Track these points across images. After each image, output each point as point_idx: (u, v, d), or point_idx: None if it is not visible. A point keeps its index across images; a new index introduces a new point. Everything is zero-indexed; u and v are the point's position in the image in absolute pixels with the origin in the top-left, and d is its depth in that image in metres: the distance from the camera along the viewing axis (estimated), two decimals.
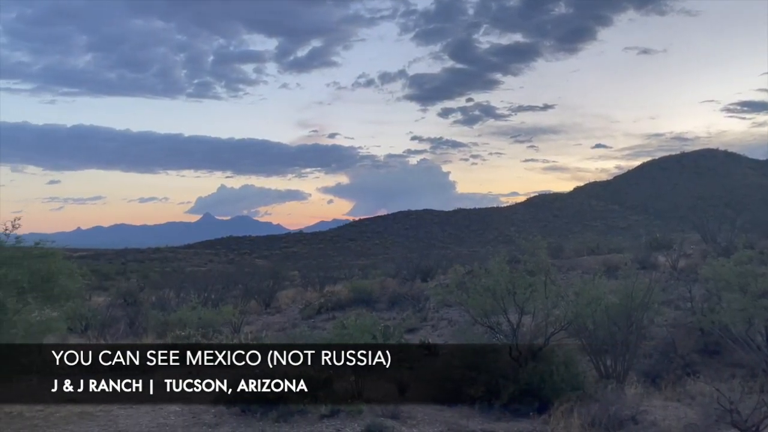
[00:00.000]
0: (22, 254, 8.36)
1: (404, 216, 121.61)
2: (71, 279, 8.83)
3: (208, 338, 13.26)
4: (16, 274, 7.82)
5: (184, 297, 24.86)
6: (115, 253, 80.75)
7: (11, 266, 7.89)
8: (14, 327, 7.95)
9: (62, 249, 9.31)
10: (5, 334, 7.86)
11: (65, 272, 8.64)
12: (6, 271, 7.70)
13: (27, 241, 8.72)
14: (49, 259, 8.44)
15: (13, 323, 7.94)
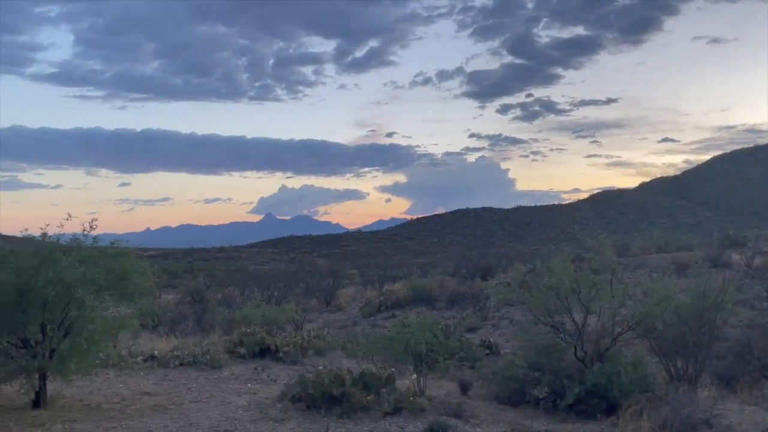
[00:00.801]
0: (99, 254, 8.76)
1: (462, 214, 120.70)
2: (144, 277, 9.18)
3: (272, 335, 13.57)
4: (94, 273, 8.20)
5: (248, 295, 25.50)
6: (183, 253, 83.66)
7: (89, 265, 8.29)
8: (93, 323, 8.35)
9: (134, 248, 9.70)
10: (84, 329, 8.27)
11: (138, 271, 9.00)
12: (85, 270, 8.10)
13: (101, 241, 9.15)
14: (123, 258, 8.82)
15: (92, 319, 8.34)
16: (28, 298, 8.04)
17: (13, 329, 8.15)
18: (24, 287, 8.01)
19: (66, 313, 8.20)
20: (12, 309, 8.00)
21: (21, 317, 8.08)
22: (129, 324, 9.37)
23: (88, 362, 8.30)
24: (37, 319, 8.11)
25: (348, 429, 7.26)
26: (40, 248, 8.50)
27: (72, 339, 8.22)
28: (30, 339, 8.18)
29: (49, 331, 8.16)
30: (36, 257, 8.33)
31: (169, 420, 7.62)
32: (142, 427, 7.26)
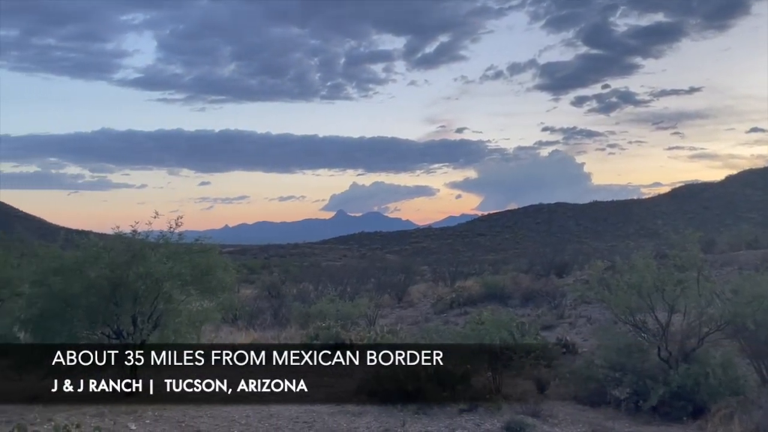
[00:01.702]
0: (185, 250, 9.20)
1: (536, 210, 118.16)
2: (226, 272, 9.55)
3: (346, 330, 13.79)
4: (181, 268, 8.64)
5: (322, 290, 25.99)
6: (259, 249, 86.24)
7: (176, 261, 8.73)
8: (179, 315, 8.78)
9: (217, 245, 10.10)
10: (172, 321, 8.70)
11: (221, 266, 9.38)
12: (172, 265, 8.54)
13: (186, 238, 9.59)
14: (207, 254, 9.22)
15: (178, 312, 8.78)
16: (120, 291, 8.54)
17: (108, 321, 8.67)
18: (117, 281, 8.51)
19: (155, 306, 8.65)
20: (106, 302, 8.52)
21: (114, 310, 8.59)
22: (212, 317, 9.77)
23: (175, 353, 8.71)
24: (129, 311, 8.59)
25: (424, 424, 7.30)
26: (130, 245, 9.00)
27: (161, 331, 8.67)
28: (123, 330, 8.67)
29: (140, 323, 8.64)
30: (127, 253, 8.83)
31: (250, 410, 7.89)
32: (225, 417, 7.56)
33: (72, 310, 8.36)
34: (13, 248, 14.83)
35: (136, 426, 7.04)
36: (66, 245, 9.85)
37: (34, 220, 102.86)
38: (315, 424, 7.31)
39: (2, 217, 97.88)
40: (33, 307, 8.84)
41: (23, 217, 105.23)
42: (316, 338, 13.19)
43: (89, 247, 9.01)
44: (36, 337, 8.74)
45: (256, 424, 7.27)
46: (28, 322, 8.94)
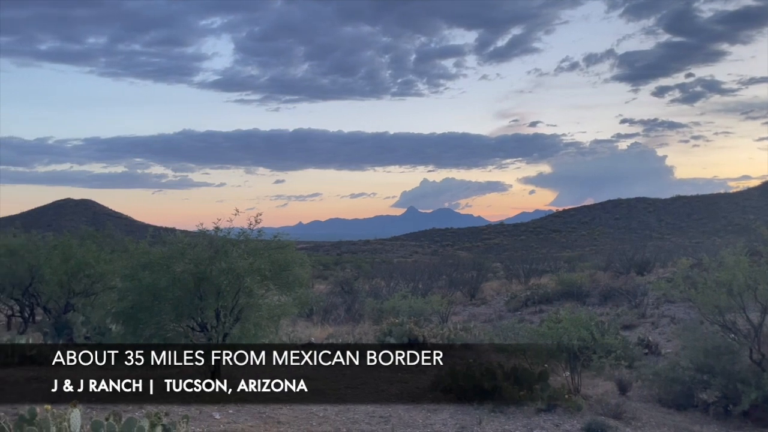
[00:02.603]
0: (264, 246, 9.49)
1: (613, 205, 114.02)
2: (302, 268, 9.78)
3: (419, 326, 13.83)
4: (260, 264, 8.92)
5: (394, 286, 26.13)
6: (332, 245, 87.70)
7: (256, 256, 9.02)
8: (260, 309, 9.07)
9: (294, 241, 10.34)
10: (253, 315, 8.99)
11: (298, 262, 9.61)
12: (252, 261, 8.83)
13: (264, 234, 9.88)
14: (285, 250, 9.47)
15: (258, 306, 9.06)
16: (204, 286, 8.89)
17: (193, 314, 9.04)
18: (201, 276, 8.86)
19: (236, 300, 8.95)
20: (191, 296, 8.89)
21: (198, 303, 8.95)
22: (289, 311, 10.01)
23: None
24: (212, 305, 8.93)
25: (501, 423, 7.22)
26: (213, 241, 9.37)
27: (242, 324, 8.97)
28: (206, 323, 9.03)
29: (223, 316, 8.96)
30: (210, 249, 9.19)
31: (327, 404, 8.05)
32: (304, 409, 7.75)
33: (160, 304, 8.77)
34: (105, 245, 15.76)
35: (220, 416, 7.32)
36: (154, 241, 10.37)
37: (123, 218, 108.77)
38: (391, 419, 7.37)
39: (93, 216, 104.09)
40: (124, 300, 9.35)
41: (112, 215, 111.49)
42: (390, 334, 13.29)
43: (175, 244, 9.45)
44: (127, 329, 9.23)
45: (333, 417, 7.41)
46: (120, 314, 9.46)
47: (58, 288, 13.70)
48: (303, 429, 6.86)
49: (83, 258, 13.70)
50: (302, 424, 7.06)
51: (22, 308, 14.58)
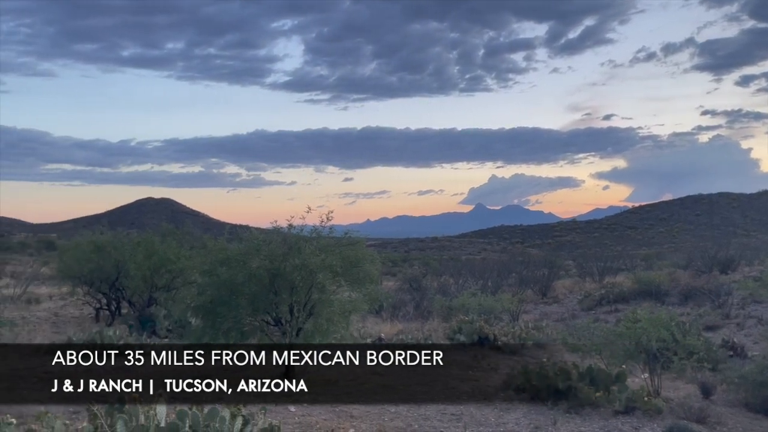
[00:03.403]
0: (335, 243, 9.67)
1: (694, 201, 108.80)
2: (372, 265, 9.88)
3: (490, 324, 13.68)
4: (332, 260, 9.08)
5: (463, 284, 25.96)
6: (399, 242, 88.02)
7: (328, 253, 9.20)
8: (331, 305, 9.23)
9: (365, 238, 10.46)
10: (325, 310, 9.17)
11: (368, 259, 9.73)
12: (324, 257, 9.01)
13: (335, 231, 10.05)
14: (356, 247, 9.61)
15: (330, 302, 9.23)
16: (278, 281, 9.13)
17: (268, 309, 9.31)
18: (275, 272, 9.11)
19: (309, 295, 9.15)
20: (266, 291, 9.15)
21: (273, 298, 9.21)
22: (359, 308, 10.13)
23: (328, 341, 9.17)
24: (286, 300, 9.17)
25: (576, 425, 7.05)
26: (287, 238, 9.61)
27: (315, 319, 9.16)
28: (281, 318, 9.28)
29: (296, 311, 9.18)
30: (284, 246, 9.43)
31: (398, 399, 8.10)
32: (375, 404, 7.83)
33: (237, 298, 9.07)
34: (184, 242, 16.46)
35: (295, 408, 7.50)
36: (231, 239, 10.74)
37: (199, 216, 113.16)
38: (463, 416, 7.34)
39: (172, 214, 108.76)
40: (203, 294, 9.74)
41: (190, 213, 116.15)
42: (459, 332, 13.23)
43: (250, 241, 9.76)
44: (206, 322, 9.60)
45: (404, 413, 7.45)
46: (199, 308, 9.85)
47: (141, 283, 14.43)
48: (375, 424, 6.93)
49: (165, 254, 14.37)
50: (374, 419, 7.14)
51: (109, 302, 15.42)
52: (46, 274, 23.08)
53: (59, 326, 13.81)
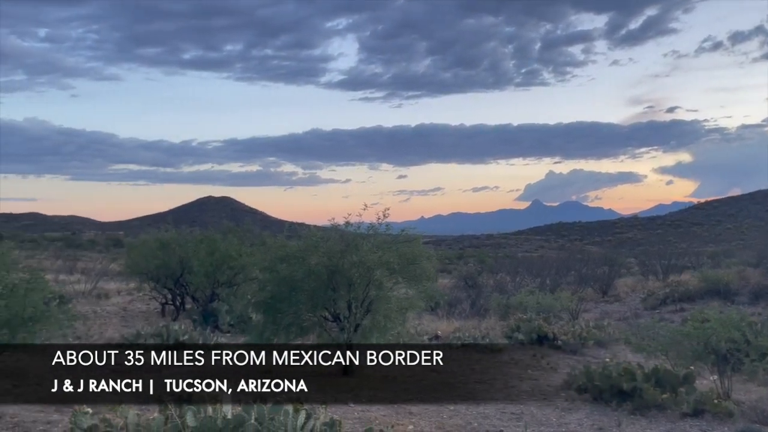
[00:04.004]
0: (392, 240, 9.72)
1: (764, 195, 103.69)
2: (429, 262, 9.88)
3: (549, 323, 13.45)
4: (389, 257, 9.14)
5: (520, 281, 25.59)
6: (454, 240, 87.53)
7: (385, 250, 9.26)
8: (389, 302, 9.28)
9: (421, 235, 10.46)
10: (382, 307, 9.23)
11: (425, 255, 9.74)
12: (381, 254, 9.07)
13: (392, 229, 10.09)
14: (413, 244, 9.64)
15: (387, 299, 9.29)
16: (336, 278, 9.25)
17: (326, 305, 9.45)
18: (333, 269, 9.23)
19: (367, 292, 9.23)
20: (325, 287, 9.29)
21: (332, 295, 9.34)
22: (416, 305, 10.15)
23: (385, 337, 9.23)
24: (344, 296, 9.28)
25: (642, 426, 6.85)
26: (344, 235, 9.72)
27: (372, 316, 9.23)
28: (339, 314, 9.39)
29: (354, 307, 9.28)
30: (341, 243, 9.54)
31: (457, 397, 8.08)
32: (433, 401, 7.82)
33: (296, 294, 9.24)
34: (245, 239, 16.87)
35: (354, 402, 7.58)
36: (290, 236, 10.95)
37: (257, 214, 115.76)
38: (523, 416, 7.24)
39: (232, 212, 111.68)
40: (264, 290, 9.97)
41: (248, 211, 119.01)
42: (518, 330, 13.05)
43: (309, 238, 9.92)
44: (267, 318, 9.81)
45: (463, 411, 7.41)
46: (260, 304, 10.10)
47: (204, 279, 14.88)
48: (434, 421, 6.93)
49: (226, 251, 14.78)
50: (433, 416, 7.13)
51: (174, 297, 15.96)
52: (115, 271, 24.11)
53: (128, 320, 14.40)
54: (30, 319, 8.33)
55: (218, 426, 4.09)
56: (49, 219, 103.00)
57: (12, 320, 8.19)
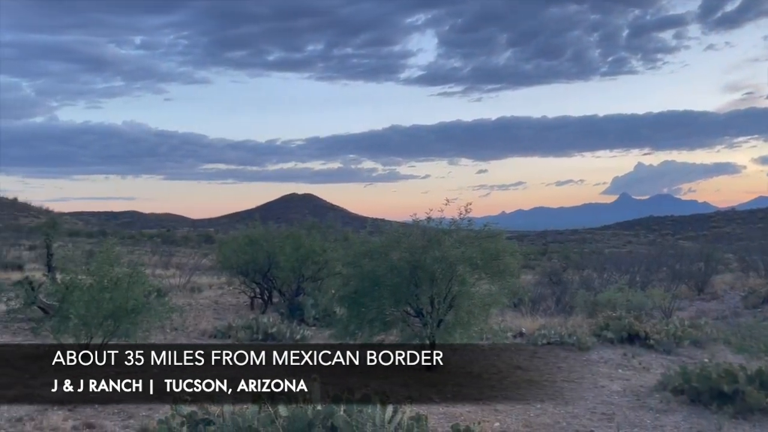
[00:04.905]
0: (475, 235, 9.62)
1: None
2: (513, 257, 9.71)
3: (640, 321, 12.91)
4: (472, 252, 9.06)
5: (607, 278, 24.70)
6: (536, 235, 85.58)
7: (467, 245, 9.18)
8: (472, 298, 9.21)
9: (505, 230, 10.30)
10: (465, 303, 9.16)
11: (509, 251, 9.57)
12: (464, 250, 9.01)
13: (474, 224, 10.00)
14: (496, 239, 9.50)
15: (470, 294, 9.21)
16: (419, 273, 9.27)
17: (409, 300, 9.49)
18: (415, 264, 9.25)
19: (449, 288, 9.20)
20: (407, 283, 9.32)
21: (414, 290, 9.36)
22: (499, 301, 10.00)
23: (468, 333, 9.16)
24: (426, 292, 9.29)
25: (744, 431, 6.45)
26: (426, 230, 9.72)
27: (455, 311, 9.19)
28: (422, 309, 9.41)
29: (437, 303, 9.27)
30: (423, 238, 9.55)
31: (544, 395, 7.90)
32: (519, 399, 7.70)
33: (380, 289, 9.33)
34: (328, 235, 17.23)
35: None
36: (372, 231, 11.08)
37: (338, 210, 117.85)
38: (615, 416, 6.99)
39: (314, 208, 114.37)
40: (348, 285, 10.14)
41: (330, 207, 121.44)
42: (606, 328, 12.60)
43: (391, 233, 9.99)
44: (351, 312, 9.97)
45: (551, 410, 7.25)
46: (344, 298, 10.28)
47: (290, 273, 15.34)
48: (520, 419, 6.82)
49: (311, 247, 15.16)
50: (519, 414, 7.02)
51: (262, 291, 16.52)
52: (206, 265, 25.27)
53: (220, 313, 15.04)
54: (132, 310, 8.87)
55: (309, 416, 4.20)
56: (145, 216, 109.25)
57: (116, 311, 8.75)
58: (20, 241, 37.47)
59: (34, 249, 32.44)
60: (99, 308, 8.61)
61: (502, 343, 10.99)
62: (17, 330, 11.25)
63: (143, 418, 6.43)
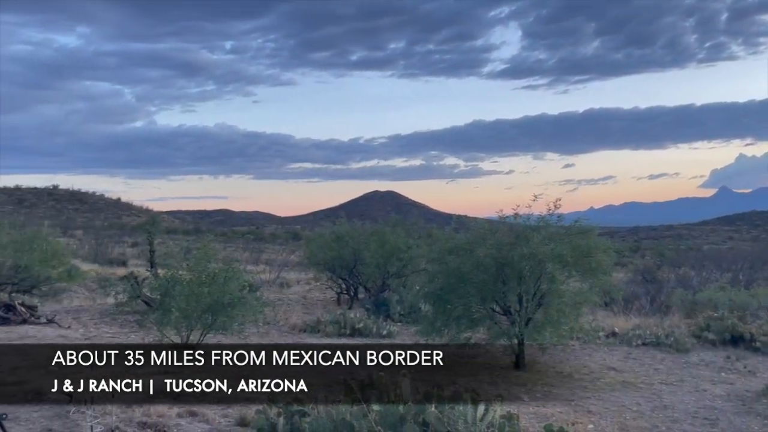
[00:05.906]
0: (564, 231, 9.36)
1: None
2: (606, 255, 9.37)
3: (744, 321, 12.15)
4: (561, 249, 8.81)
5: (707, 276, 23.37)
6: (628, 231, 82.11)
7: (557, 242, 8.94)
8: (562, 296, 8.95)
9: (597, 227, 9.95)
10: (555, 301, 8.92)
11: (601, 248, 9.25)
12: (554, 247, 8.78)
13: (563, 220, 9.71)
14: (587, 235, 9.20)
15: (560, 293, 8.96)
16: (506, 271, 9.12)
17: (496, 298, 9.36)
18: (502, 261, 9.11)
19: (538, 285, 9.00)
20: (494, 280, 9.20)
21: (501, 288, 9.22)
22: (590, 299, 9.69)
23: (558, 332, 8.92)
24: (514, 289, 9.13)
25: None
26: (513, 227, 9.55)
27: (544, 310, 8.98)
28: (510, 307, 9.26)
29: (525, 301, 9.09)
30: (510, 235, 9.39)
31: (640, 398, 7.60)
32: (614, 401, 7.44)
33: (465, 286, 9.26)
34: (412, 231, 17.29)
35: (528, 398, 7.45)
36: (457, 228, 11.02)
37: (420, 207, 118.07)
38: (719, 422, 6.62)
39: (396, 205, 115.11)
40: (433, 282, 10.14)
41: (412, 204, 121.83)
42: (707, 329, 11.95)
43: (477, 230, 9.90)
44: (436, 309, 9.97)
45: (648, 414, 6.95)
46: (430, 295, 10.29)
47: (375, 270, 15.52)
48: (616, 422, 6.58)
49: (395, 243, 15.27)
50: (614, 416, 6.78)
51: (348, 287, 16.81)
52: (294, 262, 26.02)
53: (308, 308, 15.44)
54: (229, 304, 9.29)
55: (401, 411, 4.25)
56: (236, 215, 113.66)
57: (214, 305, 9.19)
58: (123, 238, 40.09)
59: (136, 246, 34.60)
60: (198, 302, 9.08)
61: (593, 343, 10.62)
62: (124, 322, 12.03)
63: (240, 408, 6.71)
